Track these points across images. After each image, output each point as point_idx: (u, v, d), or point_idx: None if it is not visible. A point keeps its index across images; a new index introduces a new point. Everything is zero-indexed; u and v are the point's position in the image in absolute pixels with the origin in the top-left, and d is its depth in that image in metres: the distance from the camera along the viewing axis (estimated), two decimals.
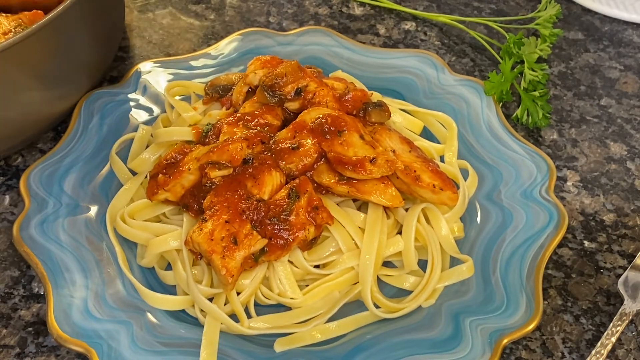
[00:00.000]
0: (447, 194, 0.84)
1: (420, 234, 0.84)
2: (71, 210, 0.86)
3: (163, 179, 0.83)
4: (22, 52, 0.80)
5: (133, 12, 1.23)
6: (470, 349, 0.74)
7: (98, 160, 0.92)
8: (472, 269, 0.82)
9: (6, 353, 0.78)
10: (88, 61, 0.96)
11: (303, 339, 0.77)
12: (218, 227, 0.76)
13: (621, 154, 1.01)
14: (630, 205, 0.94)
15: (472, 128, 0.97)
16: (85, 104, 0.97)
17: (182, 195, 0.84)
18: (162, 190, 0.83)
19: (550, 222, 0.84)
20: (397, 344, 0.76)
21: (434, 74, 1.04)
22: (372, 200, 0.82)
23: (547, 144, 1.01)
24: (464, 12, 1.25)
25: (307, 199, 0.79)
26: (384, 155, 0.82)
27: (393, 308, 0.79)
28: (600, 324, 0.82)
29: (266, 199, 0.80)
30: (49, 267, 0.80)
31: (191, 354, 0.75)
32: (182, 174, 0.82)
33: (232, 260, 0.75)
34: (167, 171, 0.84)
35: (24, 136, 0.94)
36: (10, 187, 0.95)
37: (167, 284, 0.83)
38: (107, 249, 0.84)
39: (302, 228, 0.78)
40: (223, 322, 0.77)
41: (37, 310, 0.82)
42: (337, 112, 0.85)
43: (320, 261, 0.82)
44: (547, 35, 1.08)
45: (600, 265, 0.87)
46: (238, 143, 0.81)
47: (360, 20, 1.22)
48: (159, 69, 1.04)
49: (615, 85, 1.11)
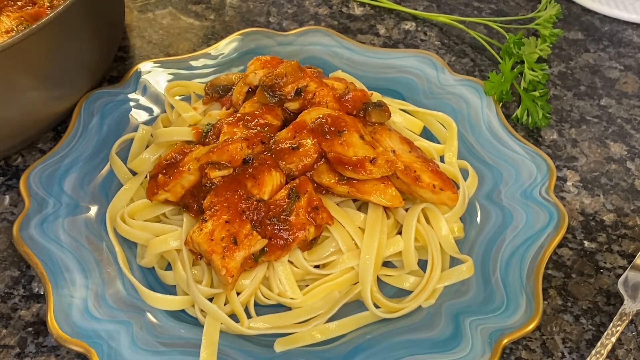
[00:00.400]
0: (447, 194, 0.84)
1: (420, 234, 0.84)
2: (71, 210, 0.86)
3: (163, 180, 0.83)
4: (23, 51, 0.80)
5: (133, 12, 1.23)
6: (470, 349, 0.74)
7: (98, 160, 0.92)
8: (472, 269, 0.82)
9: (6, 353, 0.78)
10: (88, 61, 0.96)
11: (303, 339, 0.77)
12: (218, 227, 0.76)
13: (621, 154, 1.01)
14: (630, 205, 0.94)
15: (472, 128, 0.97)
16: (85, 104, 0.97)
17: (182, 196, 0.84)
18: (162, 190, 0.83)
19: (550, 222, 0.84)
20: (397, 344, 0.76)
21: (434, 74, 1.04)
22: (372, 201, 0.82)
23: (547, 144, 1.01)
24: (464, 12, 1.25)
25: (307, 199, 0.79)
26: (384, 155, 0.82)
27: (393, 308, 0.79)
28: (600, 324, 0.82)
29: (266, 199, 0.80)
30: (49, 267, 0.80)
31: (191, 354, 0.75)
32: (182, 174, 0.82)
33: (232, 261, 0.75)
34: (167, 171, 0.84)
35: (24, 136, 0.94)
36: (10, 187, 0.95)
37: (167, 284, 0.83)
38: (107, 249, 0.84)
39: (302, 228, 0.78)
40: (223, 322, 0.77)
41: (37, 310, 0.82)
42: (337, 112, 0.85)
43: (320, 261, 0.82)
44: (547, 35, 1.08)
45: (600, 265, 0.87)
46: (238, 143, 0.81)
47: (360, 20, 1.23)
48: (159, 69, 1.04)
49: (615, 85, 1.11)
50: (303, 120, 0.84)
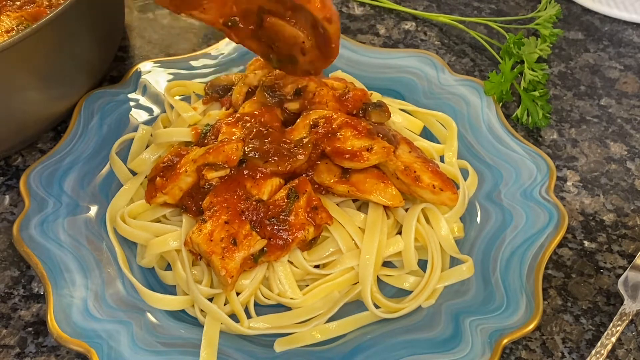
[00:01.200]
0: (447, 194, 0.84)
1: (420, 234, 0.84)
2: (71, 210, 0.86)
3: (161, 182, 0.83)
4: (22, 51, 0.80)
5: (133, 12, 1.23)
6: (470, 349, 0.74)
7: (98, 160, 0.92)
8: (472, 269, 0.82)
9: (6, 353, 0.78)
10: (88, 61, 0.96)
11: (303, 339, 0.77)
12: (217, 227, 0.76)
13: (621, 154, 1.01)
14: (630, 205, 0.94)
15: (472, 128, 0.97)
16: (85, 104, 0.97)
17: (180, 198, 0.84)
18: (160, 193, 0.83)
19: (550, 222, 0.84)
20: (397, 344, 0.76)
21: (434, 74, 1.04)
22: (373, 200, 0.82)
23: (547, 144, 1.01)
24: (464, 12, 1.25)
25: (307, 199, 0.79)
26: (379, 142, 0.82)
27: (393, 308, 0.79)
28: (600, 324, 0.82)
29: (265, 199, 0.80)
30: (49, 267, 0.80)
31: (191, 354, 0.75)
32: (180, 176, 0.82)
33: (231, 261, 0.75)
34: (165, 174, 0.84)
35: (24, 136, 0.94)
36: (10, 187, 0.95)
37: (167, 284, 0.83)
38: (107, 249, 0.84)
39: (302, 228, 0.78)
40: (223, 322, 0.77)
41: (37, 310, 0.82)
42: (338, 114, 0.85)
43: (320, 261, 0.82)
44: (547, 35, 1.08)
45: (600, 265, 0.87)
46: (234, 144, 0.81)
47: (360, 20, 1.23)
48: (159, 69, 1.04)
49: (615, 85, 1.11)
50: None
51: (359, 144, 0.82)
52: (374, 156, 0.81)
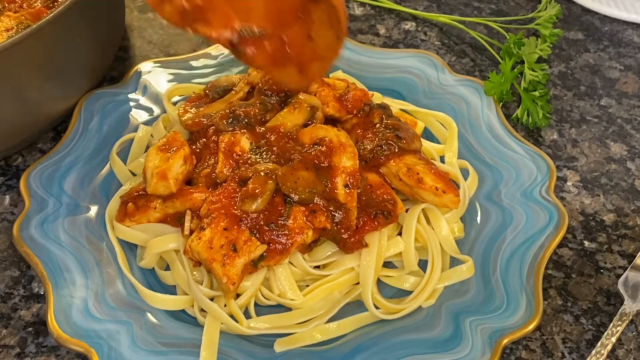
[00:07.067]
0: (449, 196, 0.83)
1: (421, 234, 0.84)
2: (71, 210, 0.86)
3: (132, 209, 0.83)
4: (23, 51, 0.80)
5: (133, 12, 1.23)
6: (470, 349, 0.74)
7: (98, 160, 0.92)
8: (472, 269, 0.82)
9: (6, 353, 0.78)
10: (88, 61, 0.96)
11: (303, 340, 0.77)
12: (217, 234, 0.76)
13: (621, 154, 1.01)
14: (630, 205, 0.94)
15: (472, 128, 0.97)
16: (85, 104, 0.97)
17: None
18: (128, 220, 0.84)
19: (550, 222, 0.84)
20: (397, 344, 0.76)
21: (434, 74, 1.04)
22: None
23: (547, 144, 1.01)
24: (464, 12, 1.25)
25: None
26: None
27: (393, 309, 0.79)
28: (600, 324, 0.82)
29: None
30: (49, 267, 0.80)
31: (191, 354, 0.75)
32: (148, 210, 0.82)
33: (232, 268, 0.74)
34: (137, 202, 0.84)
35: (24, 136, 0.93)
36: (10, 187, 0.95)
37: (167, 284, 0.83)
38: (107, 249, 0.84)
39: (301, 232, 0.78)
40: (223, 321, 0.77)
41: (37, 310, 0.82)
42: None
43: (320, 262, 0.82)
44: (547, 35, 1.08)
45: (600, 265, 0.87)
46: (201, 193, 0.81)
47: (360, 20, 1.22)
48: (159, 69, 1.04)
49: (615, 85, 1.11)
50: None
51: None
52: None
